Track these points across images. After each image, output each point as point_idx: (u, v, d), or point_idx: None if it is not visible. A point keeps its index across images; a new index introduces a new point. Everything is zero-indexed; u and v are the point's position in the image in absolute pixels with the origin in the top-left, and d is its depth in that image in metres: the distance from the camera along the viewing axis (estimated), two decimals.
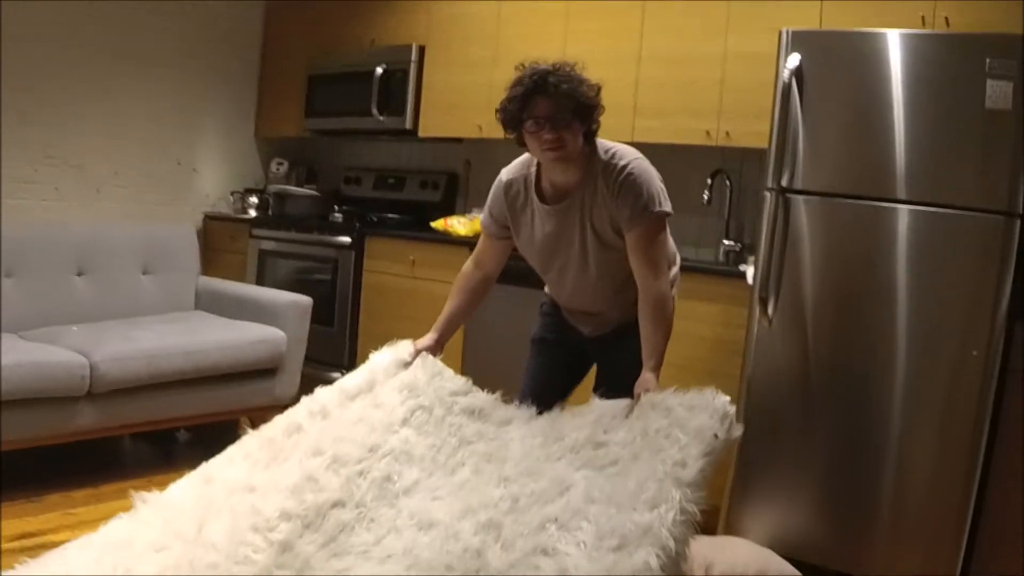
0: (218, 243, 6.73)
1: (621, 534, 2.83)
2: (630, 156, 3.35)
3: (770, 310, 4.14)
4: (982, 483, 3.81)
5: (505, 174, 3.56)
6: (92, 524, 3.96)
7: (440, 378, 3.53)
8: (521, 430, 3.38)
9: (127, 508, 4.13)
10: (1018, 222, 3.69)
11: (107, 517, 4.02)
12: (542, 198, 3.42)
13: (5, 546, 3.76)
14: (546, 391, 3.62)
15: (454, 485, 3.23)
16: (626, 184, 3.29)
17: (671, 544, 2.79)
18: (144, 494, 3.53)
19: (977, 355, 3.72)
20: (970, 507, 3.76)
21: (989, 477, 3.82)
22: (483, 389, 3.51)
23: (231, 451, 3.52)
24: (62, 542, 3.71)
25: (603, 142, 3.39)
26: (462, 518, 3.08)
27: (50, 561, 3.34)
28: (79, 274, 5.24)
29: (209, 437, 5.37)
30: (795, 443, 4.05)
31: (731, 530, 4.15)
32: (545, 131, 3.22)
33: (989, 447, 3.78)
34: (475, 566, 2.93)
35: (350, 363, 5.69)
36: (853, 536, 3.97)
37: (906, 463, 3.86)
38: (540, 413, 3.46)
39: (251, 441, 3.51)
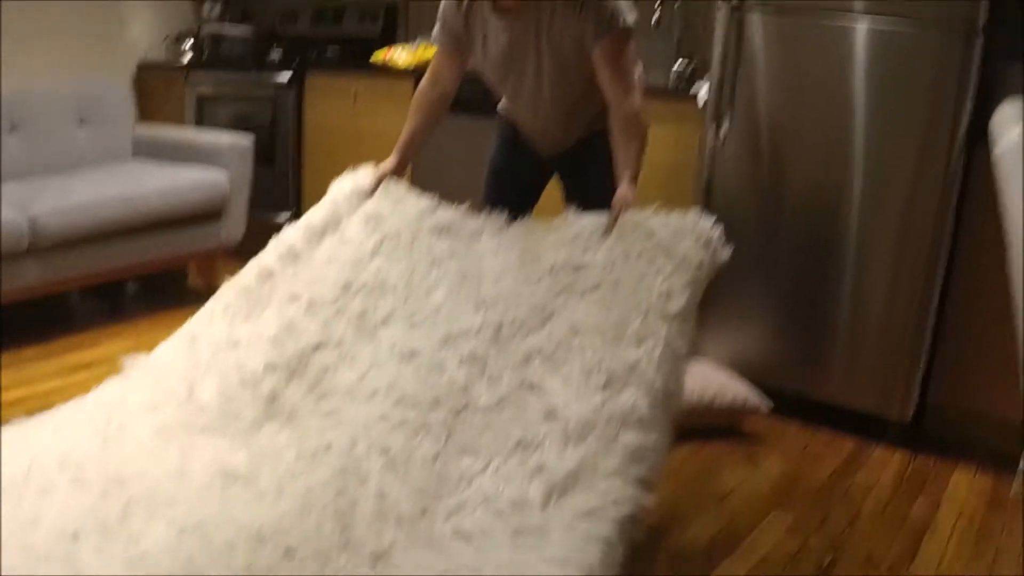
0: (154, 91, 6.50)
1: (608, 370, 2.80)
2: None
3: (723, 132, 4.06)
4: (940, 311, 3.80)
5: None
6: (43, 380, 3.94)
7: (404, 201, 3.45)
8: (493, 242, 3.31)
9: (79, 363, 4.12)
10: (980, 40, 3.57)
11: (58, 373, 4.01)
12: (497, 10, 3.28)
13: None
14: (509, 195, 3.59)
15: (431, 309, 3.18)
16: None
17: (658, 382, 2.75)
18: (134, 356, 3.50)
19: (937, 172, 3.65)
20: (927, 333, 3.78)
21: (947, 305, 3.81)
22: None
23: (210, 305, 3.47)
24: (16, 400, 3.69)
25: None
26: (443, 347, 3.06)
27: (43, 420, 3.34)
28: (11, 130, 5.05)
29: (158, 287, 5.31)
30: (751, 266, 4.03)
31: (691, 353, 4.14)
32: None
33: (948, 274, 3.76)
34: (462, 401, 2.90)
35: (296, 204, 5.59)
36: (811, 359, 3.99)
37: (863, 287, 3.85)
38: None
39: (228, 292, 3.46)
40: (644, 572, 2.79)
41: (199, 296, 5.07)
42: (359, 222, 3.41)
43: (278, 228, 5.45)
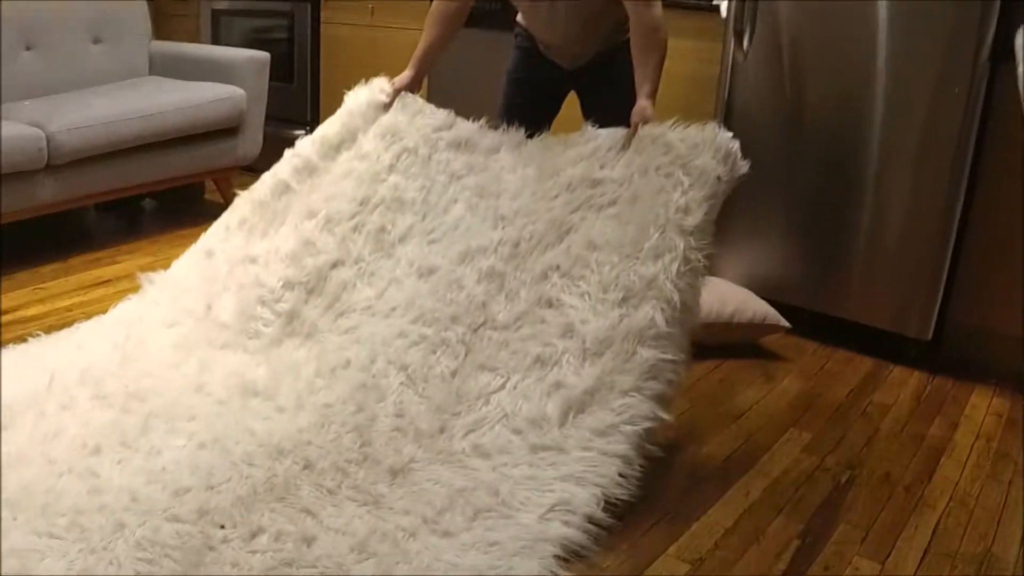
0: (169, 8, 6.44)
1: (625, 286, 2.79)
2: None
3: (745, 44, 3.99)
4: (961, 229, 3.75)
5: None
6: (62, 296, 3.94)
7: (421, 116, 3.42)
8: (511, 157, 3.29)
9: (98, 279, 4.12)
10: None
11: (77, 289, 4.02)
12: None
13: None
14: (530, 106, 3.56)
15: (449, 225, 3.18)
16: None
17: (676, 297, 2.73)
18: (151, 275, 3.56)
19: (959, 92, 3.59)
20: (947, 251, 3.72)
21: (968, 223, 3.76)
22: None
23: (226, 219, 3.51)
24: (32, 317, 3.69)
25: None
26: (462, 263, 3.06)
27: (63, 336, 3.39)
28: (27, 48, 5.00)
29: (175, 203, 5.30)
30: (772, 182, 3.98)
31: (709, 270, 4.10)
32: None
33: (969, 192, 3.70)
34: (480, 318, 2.90)
35: (313, 119, 5.55)
36: (830, 277, 3.95)
37: (883, 203, 3.80)
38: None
39: (243, 206, 3.48)
40: (660, 489, 2.79)
41: (216, 212, 5.06)
42: (375, 136, 3.38)
43: (294, 143, 5.47)
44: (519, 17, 3.57)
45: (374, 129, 3.38)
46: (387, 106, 3.41)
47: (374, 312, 3.09)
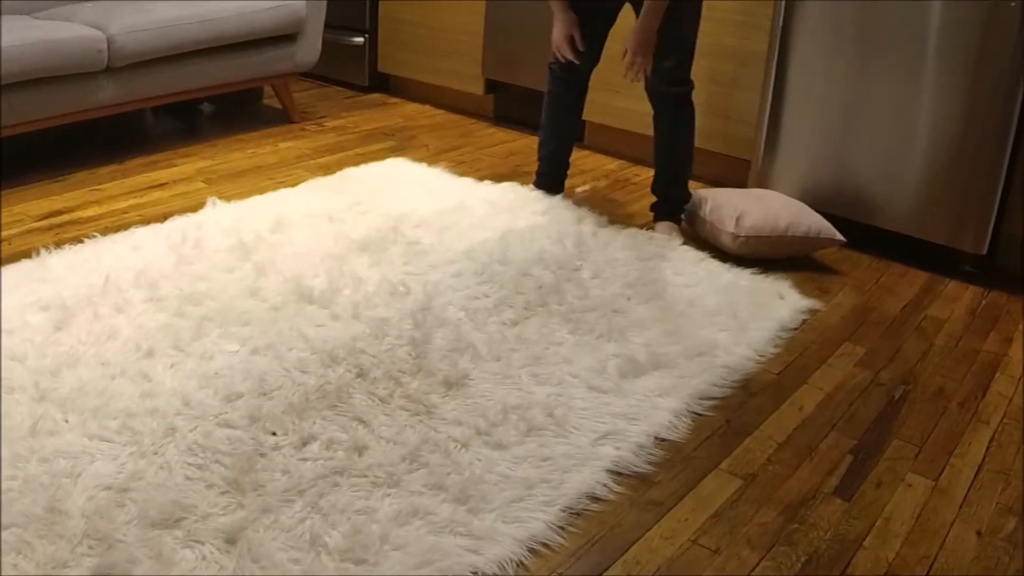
0: None
1: None
2: None
3: None
4: (1017, 142, 3.55)
5: None
6: (119, 199, 3.85)
7: None
8: None
9: (154, 181, 4.01)
10: None
11: (133, 191, 3.92)
12: None
13: (33, 225, 3.61)
14: (588, 22, 3.50)
15: None
16: None
17: None
18: (215, 199, 3.58)
19: (1015, 5, 3.36)
20: (1003, 164, 3.53)
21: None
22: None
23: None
24: (89, 219, 3.62)
25: None
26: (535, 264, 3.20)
27: (119, 238, 3.33)
28: None
29: (232, 108, 5.17)
30: (827, 94, 3.77)
31: (762, 183, 3.94)
32: None
33: None
34: (550, 300, 2.99)
35: (372, 26, 5.36)
36: (884, 191, 3.76)
37: (939, 117, 3.59)
38: (572, 66, 3.51)
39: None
40: (713, 402, 2.66)
41: (273, 117, 4.96)
42: None
43: (352, 50, 5.31)
44: None
45: None
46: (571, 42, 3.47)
47: (440, 266, 3.12)
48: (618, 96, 4.22)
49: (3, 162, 4.22)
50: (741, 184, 4.08)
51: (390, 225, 3.42)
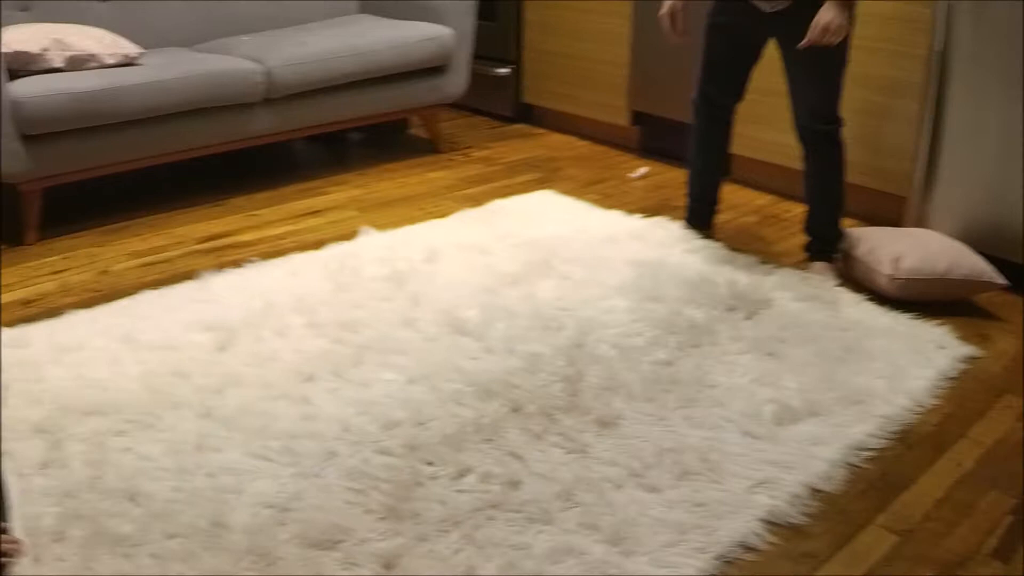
0: None
1: None
2: None
3: None
4: None
5: None
6: (275, 224, 3.95)
7: None
8: None
9: (309, 209, 4.10)
10: None
11: (289, 218, 4.01)
12: None
13: (195, 247, 3.74)
14: (724, 77, 3.49)
15: None
16: None
17: None
18: (368, 228, 3.65)
19: None
20: None
21: None
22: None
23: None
24: (247, 243, 3.73)
25: None
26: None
27: (277, 263, 3.44)
28: None
29: (380, 137, 5.27)
30: (990, 128, 3.65)
31: (919, 221, 3.84)
32: None
33: None
34: (704, 339, 3.08)
35: (517, 58, 5.40)
36: None
37: None
38: (717, 103, 3.48)
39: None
40: (869, 453, 2.60)
41: (420, 147, 5.04)
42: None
43: (498, 81, 5.36)
44: None
45: None
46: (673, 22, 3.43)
47: (593, 304, 3.12)
48: (766, 129, 4.17)
49: (167, 187, 4.39)
50: (896, 222, 3.98)
51: (541, 258, 3.42)
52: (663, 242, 3.62)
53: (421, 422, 2.47)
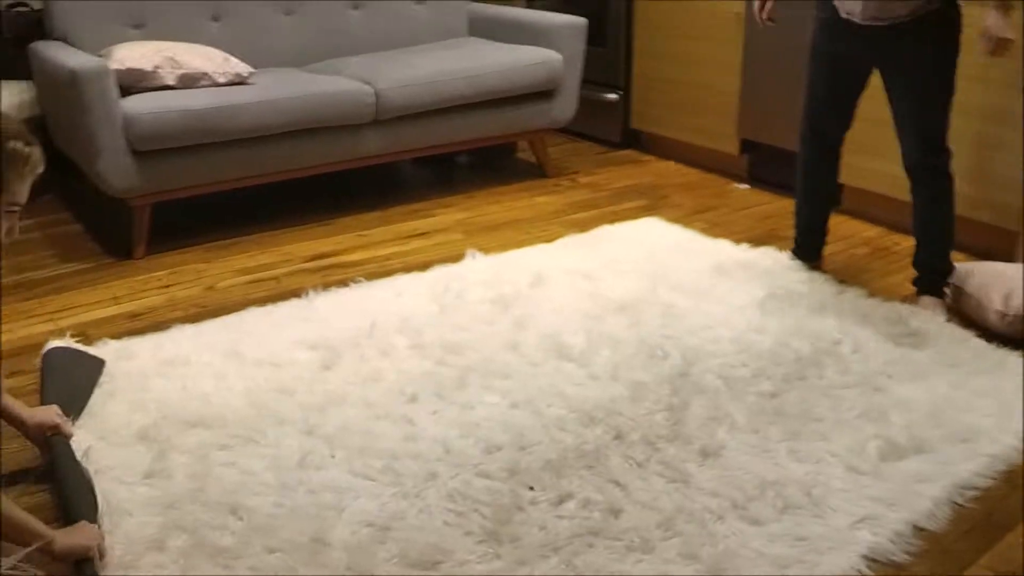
0: None
1: None
2: None
3: None
4: None
5: None
6: (382, 245, 3.99)
7: None
8: None
9: (415, 230, 4.13)
10: None
11: (396, 239, 4.05)
12: None
13: (302, 265, 3.80)
14: (829, 106, 3.45)
15: None
16: None
17: None
18: (474, 251, 3.70)
19: None
20: None
21: None
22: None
23: None
24: (354, 263, 3.79)
25: None
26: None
27: (383, 284, 3.47)
28: (355, 7, 5.08)
29: (487, 160, 5.29)
30: None
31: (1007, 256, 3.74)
32: None
33: None
34: (810, 373, 2.97)
35: (626, 83, 5.39)
36: None
37: None
38: (824, 133, 3.46)
39: None
40: (975, 492, 2.53)
41: (527, 171, 5.05)
42: None
43: (606, 107, 5.36)
44: None
45: None
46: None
47: (701, 337, 3.08)
48: (876, 159, 4.09)
49: (274, 205, 4.47)
50: (1008, 257, 3.87)
51: (646, 286, 3.41)
52: (770, 272, 3.57)
53: (523, 446, 2.47)
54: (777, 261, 3.69)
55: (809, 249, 3.73)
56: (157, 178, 3.83)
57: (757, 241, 4.01)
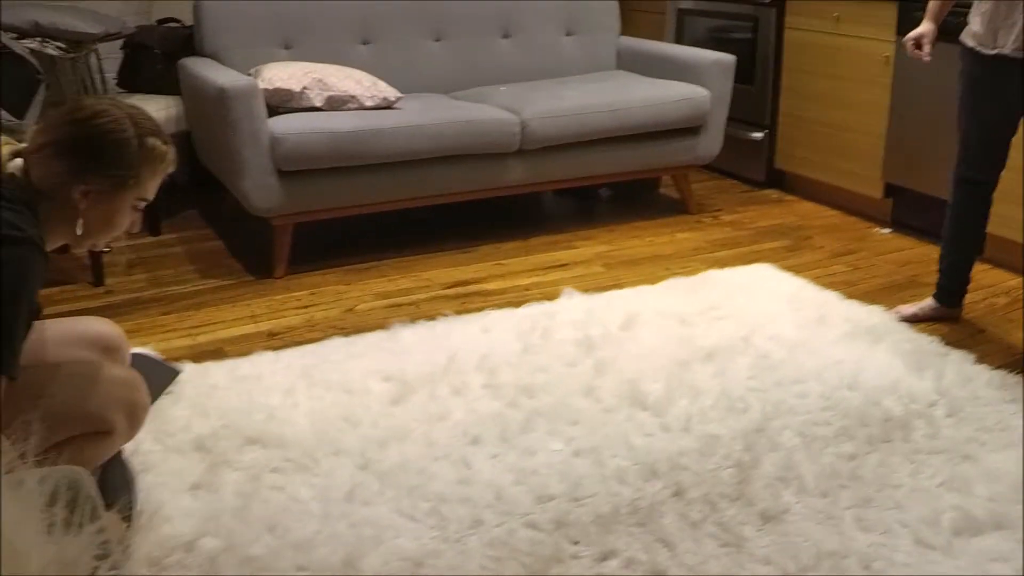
0: (636, 5, 6.33)
1: None
2: None
3: None
4: None
5: None
6: (522, 275, 3.97)
7: None
8: None
9: (555, 261, 4.10)
10: None
11: (536, 269, 4.03)
12: None
13: (441, 292, 3.79)
14: (983, 153, 3.29)
15: None
16: None
17: None
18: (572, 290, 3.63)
19: None
20: None
21: None
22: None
23: None
24: (493, 291, 3.77)
25: None
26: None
27: (471, 319, 3.43)
28: (504, 36, 5.09)
29: (630, 194, 5.22)
30: None
31: None
32: None
33: None
34: (896, 435, 2.74)
35: (772, 123, 5.22)
36: None
37: None
38: (977, 178, 3.31)
39: None
40: None
41: (670, 207, 4.94)
42: None
43: (751, 145, 5.21)
44: (963, 34, 3.25)
45: None
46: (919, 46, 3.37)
47: (786, 386, 2.95)
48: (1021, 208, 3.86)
49: (416, 230, 4.52)
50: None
51: (742, 334, 3.26)
52: (875, 329, 3.35)
53: (576, 498, 2.37)
54: (885, 317, 3.47)
55: (951, 296, 3.52)
56: (300, 198, 3.89)
57: (898, 287, 3.86)
